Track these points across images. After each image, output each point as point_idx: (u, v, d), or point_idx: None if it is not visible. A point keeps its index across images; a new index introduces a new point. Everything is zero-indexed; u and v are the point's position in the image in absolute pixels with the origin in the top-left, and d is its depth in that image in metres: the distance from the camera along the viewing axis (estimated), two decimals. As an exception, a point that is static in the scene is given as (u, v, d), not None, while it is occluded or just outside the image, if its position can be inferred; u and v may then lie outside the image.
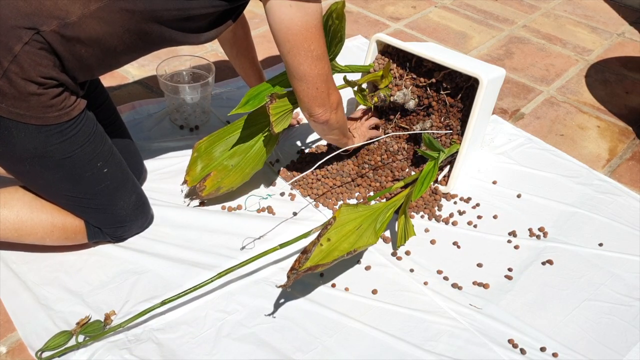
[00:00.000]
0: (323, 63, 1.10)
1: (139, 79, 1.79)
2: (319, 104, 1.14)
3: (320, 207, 1.38)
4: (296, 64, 1.08)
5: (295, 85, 1.13)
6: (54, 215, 1.16)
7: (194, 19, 1.06)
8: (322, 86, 1.12)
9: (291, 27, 1.03)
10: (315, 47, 1.06)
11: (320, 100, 1.14)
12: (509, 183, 1.49)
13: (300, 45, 1.05)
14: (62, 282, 1.17)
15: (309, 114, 1.17)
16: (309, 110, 1.16)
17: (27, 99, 0.99)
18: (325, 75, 1.12)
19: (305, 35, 1.04)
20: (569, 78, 1.96)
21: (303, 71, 1.09)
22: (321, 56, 1.09)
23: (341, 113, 1.22)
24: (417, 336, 1.12)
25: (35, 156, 1.05)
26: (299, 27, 1.03)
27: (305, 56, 1.07)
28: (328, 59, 1.12)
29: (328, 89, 1.14)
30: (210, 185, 1.31)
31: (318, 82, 1.11)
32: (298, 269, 1.03)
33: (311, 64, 1.08)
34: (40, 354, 1.03)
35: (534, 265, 1.28)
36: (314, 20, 1.04)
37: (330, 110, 1.17)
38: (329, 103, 1.15)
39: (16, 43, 0.95)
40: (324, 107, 1.15)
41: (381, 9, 2.31)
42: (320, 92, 1.12)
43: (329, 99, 1.15)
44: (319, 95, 1.13)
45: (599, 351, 1.12)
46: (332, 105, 1.17)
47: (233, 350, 1.07)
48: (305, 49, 1.06)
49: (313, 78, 1.10)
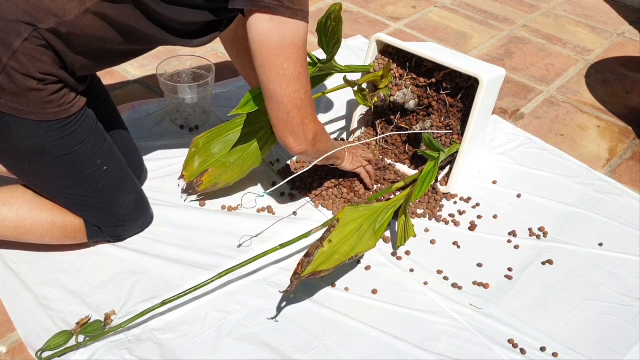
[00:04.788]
0: (297, 86, 1.02)
1: (139, 78, 1.79)
2: (289, 132, 1.06)
3: (320, 207, 1.38)
4: (266, 80, 1.02)
5: (267, 106, 1.07)
6: (54, 214, 1.16)
7: (182, 24, 1.06)
8: (294, 112, 1.04)
9: (266, 41, 0.98)
10: (288, 67, 1.00)
11: (290, 127, 1.06)
12: (509, 183, 1.49)
13: (272, 61, 1.00)
14: (62, 282, 1.17)
15: (282, 142, 1.09)
16: (280, 137, 1.08)
17: (26, 94, 0.99)
18: (299, 100, 1.03)
19: (279, 51, 0.99)
20: (569, 78, 1.96)
21: (272, 90, 1.03)
22: (295, 78, 1.01)
23: (321, 144, 1.13)
24: (417, 336, 1.12)
25: (34, 152, 1.06)
26: (274, 42, 0.98)
27: (276, 74, 1.00)
28: (307, 83, 1.04)
29: (302, 117, 1.05)
30: (207, 180, 1.31)
31: (289, 106, 1.03)
32: (301, 273, 1.03)
33: (281, 83, 1.01)
34: (40, 354, 1.03)
35: (534, 265, 1.28)
36: (293, 39, 0.99)
37: (305, 141, 1.08)
38: (303, 134, 1.07)
39: (15, 39, 0.96)
40: (296, 136, 1.07)
41: (381, 9, 2.31)
42: (291, 117, 1.04)
43: (302, 128, 1.06)
44: (290, 121, 1.05)
45: (599, 351, 1.12)
46: (307, 137, 1.08)
47: (233, 350, 1.07)
48: (277, 66, 1.00)
49: (283, 99, 1.03)
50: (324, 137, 1.15)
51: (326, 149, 1.18)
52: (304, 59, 1.03)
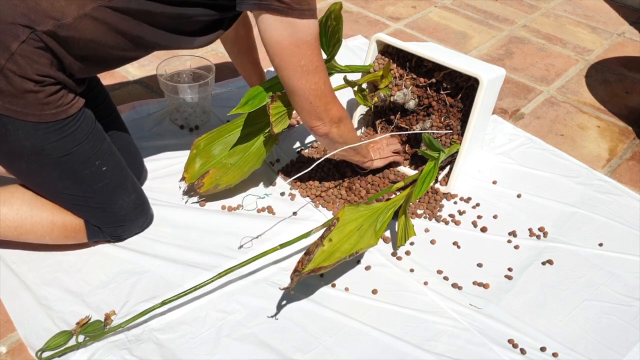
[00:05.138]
0: (316, 78, 1.08)
1: (139, 78, 1.79)
2: (314, 117, 1.13)
3: (320, 207, 1.38)
4: (286, 78, 1.07)
5: (290, 98, 1.13)
6: (53, 214, 1.16)
7: (185, 24, 1.06)
8: (316, 101, 1.10)
9: (280, 42, 1.02)
10: (305, 63, 1.05)
11: (315, 114, 1.12)
12: (509, 183, 1.49)
13: (289, 60, 1.04)
14: (62, 282, 1.17)
15: (308, 126, 1.16)
16: (306, 122, 1.15)
17: (23, 96, 0.99)
18: (319, 91, 1.09)
19: (294, 50, 1.03)
20: (569, 78, 1.96)
21: (293, 85, 1.08)
22: (313, 71, 1.06)
23: (345, 128, 1.19)
24: (417, 336, 1.12)
25: (32, 154, 1.05)
26: (288, 43, 1.02)
27: (294, 71, 1.05)
28: (324, 74, 1.09)
29: (325, 104, 1.12)
30: (209, 182, 1.31)
31: (311, 97, 1.09)
32: (301, 271, 1.03)
33: (301, 78, 1.06)
34: (40, 354, 1.03)
35: (534, 265, 1.28)
36: (305, 37, 1.03)
37: (329, 123, 1.14)
38: (327, 117, 1.13)
39: (13, 41, 0.96)
40: (321, 120, 1.13)
41: (381, 9, 2.31)
42: (314, 106, 1.11)
43: (327, 113, 1.13)
44: (313, 109, 1.11)
45: (599, 351, 1.11)
46: (332, 118, 1.14)
47: (233, 350, 1.07)
48: (295, 64, 1.04)
49: (304, 92, 1.08)
50: (349, 123, 1.20)
51: (349, 133, 1.22)
52: (318, 52, 1.07)
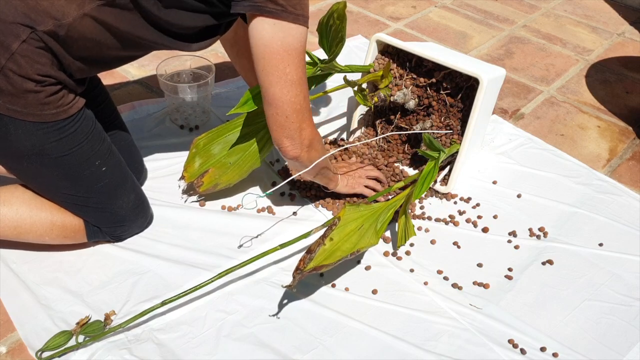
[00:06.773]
0: (297, 90, 1.03)
1: (139, 78, 1.79)
2: (286, 135, 1.07)
3: (320, 207, 1.38)
4: (267, 84, 1.03)
5: (265, 111, 1.07)
6: (53, 214, 1.16)
7: (182, 28, 1.06)
8: (293, 116, 1.05)
9: (270, 45, 0.99)
10: (291, 71, 1.01)
11: (287, 131, 1.06)
12: (509, 183, 1.49)
13: (276, 65, 1.00)
14: (62, 282, 1.17)
15: (277, 145, 1.10)
16: (276, 140, 1.09)
17: (24, 96, 0.99)
18: (298, 105, 1.05)
19: (283, 55, 1.00)
20: (569, 78, 1.96)
21: (273, 93, 1.03)
22: (297, 82, 1.03)
23: (316, 153, 1.13)
24: (417, 336, 1.12)
25: (32, 153, 1.06)
26: (278, 47, 0.99)
27: (278, 78, 1.01)
28: (305, 88, 1.06)
29: (300, 122, 1.06)
30: (208, 181, 1.31)
31: (288, 110, 1.04)
32: (303, 269, 1.03)
33: (283, 87, 1.02)
34: (40, 354, 1.03)
35: (534, 265, 1.28)
36: (295, 43, 1.00)
37: (300, 146, 1.09)
38: (299, 138, 1.08)
39: (13, 41, 0.96)
40: (292, 140, 1.07)
41: (381, 9, 2.31)
42: (290, 122, 1.05)
43: (299, 133, 1.07)
44: (288, 125, 1.06)
45: (599, 351, 1.11)
46: (303, 141, 1.09)
47: (233, 350, 1.07)
48: (280, 69, 1.01)
49: (283, 104, 1.03)
50: (319, 147, 1.15)
51: (321, 160, 1.17)
52: (304, 63, 1.04)
